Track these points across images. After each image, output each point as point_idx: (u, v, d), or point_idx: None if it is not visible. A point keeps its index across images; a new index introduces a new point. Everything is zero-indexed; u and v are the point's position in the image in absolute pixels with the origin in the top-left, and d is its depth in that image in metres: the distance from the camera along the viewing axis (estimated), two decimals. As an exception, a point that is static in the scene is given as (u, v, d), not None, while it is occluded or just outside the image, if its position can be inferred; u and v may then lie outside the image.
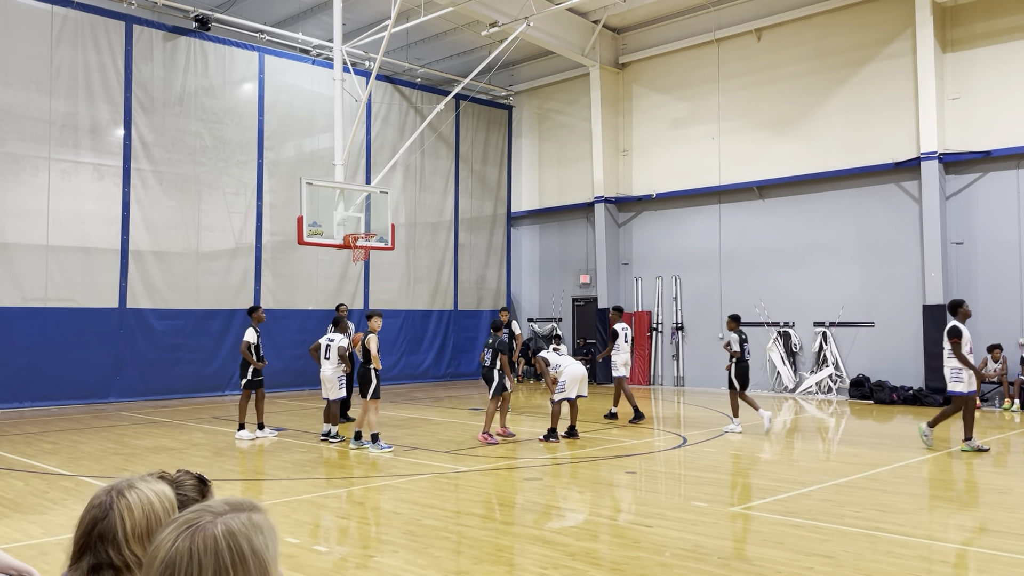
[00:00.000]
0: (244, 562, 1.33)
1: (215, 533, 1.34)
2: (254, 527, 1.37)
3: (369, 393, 10.88)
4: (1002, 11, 16.25)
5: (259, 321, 12.23)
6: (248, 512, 1.40)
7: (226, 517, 1.37)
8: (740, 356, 12.48)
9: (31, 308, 15.58)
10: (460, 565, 5.77)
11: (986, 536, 6.53)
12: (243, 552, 1.34)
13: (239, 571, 1.33)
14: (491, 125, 24.45)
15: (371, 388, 10.86)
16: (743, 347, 12.52)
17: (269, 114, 19.15)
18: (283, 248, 19.05)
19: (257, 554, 1.35)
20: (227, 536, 1.34)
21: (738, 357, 12.47)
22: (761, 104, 19.51)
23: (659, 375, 21.37)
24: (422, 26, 18.83)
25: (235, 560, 1.33)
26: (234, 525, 1.36)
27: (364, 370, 11.08)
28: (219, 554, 1.32)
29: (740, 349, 12.50)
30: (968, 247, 16.53)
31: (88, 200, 16.38)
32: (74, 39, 16.21)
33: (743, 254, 19.80)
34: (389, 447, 10.80)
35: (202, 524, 1.35)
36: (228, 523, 1.36)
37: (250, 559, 1.34)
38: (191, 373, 17.64)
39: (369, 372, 10.93)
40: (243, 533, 1.35)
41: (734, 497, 7.86)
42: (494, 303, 23.98)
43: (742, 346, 12.52)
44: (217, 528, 1.34)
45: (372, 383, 10.86)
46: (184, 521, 1.37)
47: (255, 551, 1.35)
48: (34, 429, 12.81)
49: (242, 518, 1.38)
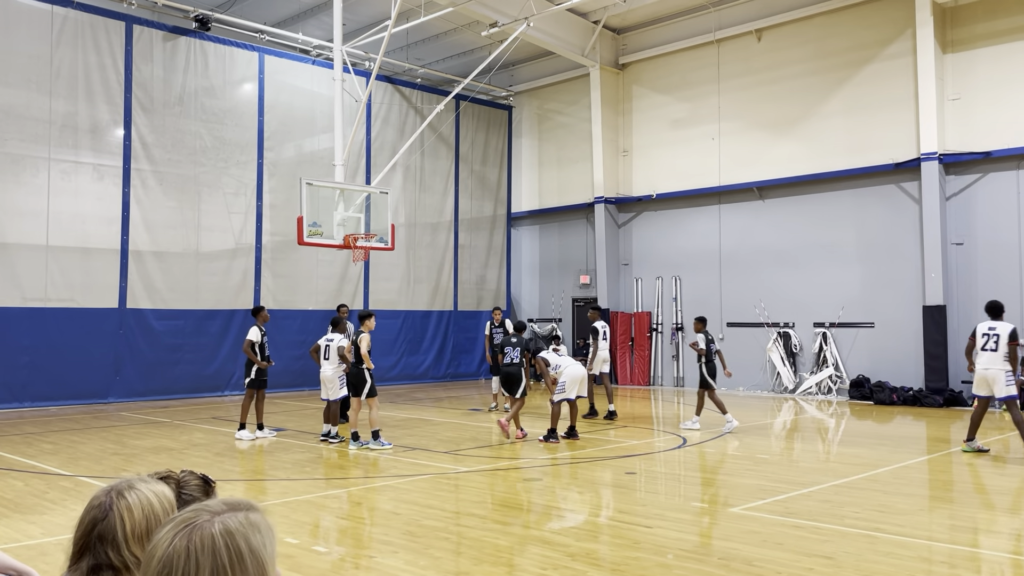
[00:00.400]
0: (241, 561, 1.33)
1: (212, 532, 1.33)
2: (251, 526, 1.37)
3: (364, 392, 10.96)
4: (1002, 12, 16.24)
5: (264, 321, 12.26)
6: (245, 511, 1.40)
7: (224, 516, 1.37)
8: (707, 356, 12.77)
9: (31, 308, 15.57)
10: (460, 566, 5.76)
11: (986, 537, 6.52)
12: (240, 551, 1.34)
13: (236, 570, 1.32)
14: (491, 125, 24.44)
15: (366, 388, 10.96)
16: (709, 347, 12.84)
17: (269, 114, 19.15)
18: (283, 248, 19.04)
19: (255, 553, 1.35)
20: (224, 535, 1.34)
21: (706, 357, 12.77)
22: (761, 105, 19.51)
23: (659, 375, 21.37)
24: (422, 26, 18.83)
25: (232, 559, 1.32)
26: (232, 524, 1.36)
27: (357, 370, 11.13)
28: (216, 553, 1.32)
29: (707, 349, 12.81)
30: (968, 248, 16.53)
31: (88, 200, 16.37)
32: (74, 39, 16.20)
33: (743, 255, 19.80)
34: (388, 444, 10.86)
35: (199, 523, 1.35)
36: (226, 522, 1.35)
37: (247, 558, 1.34)
38: (191, 373, 17.63)
39: (362, 372, 11.00)
40: (240, 532, 1.35)
41: (734, 498, 7.86)
42: (494, 304, 23.96)
43: (709, 346, 12.83)
44: (215, 527, 1.34)
45: (367, 382, 10.95)
46: (181, 520, 1.37)
47: (252, 550, 1.35)
48: (34, 429, 12.80)
49: (239, 517, 1.38)
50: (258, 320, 12.21)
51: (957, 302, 16.54)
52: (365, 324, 11.33)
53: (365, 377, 10.99)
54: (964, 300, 16.47)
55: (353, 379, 11.26)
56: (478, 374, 23.06)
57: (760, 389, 19.10)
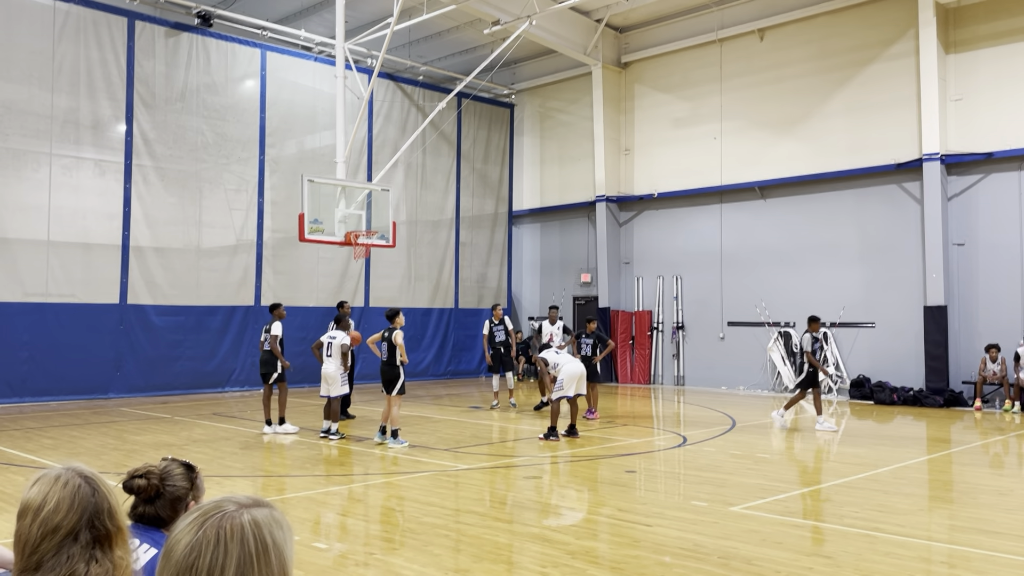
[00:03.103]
0: (267, 552, 1.37)
1: (242, 522, 1.37)
2: (276, 522, 1.42)
3: (396, 390, 10.94)
4: (1005, 13, 16.23)
5: (280, 317, 12.37)
6: (269, 508, 1.45)
7: (251, 508, 1.41)
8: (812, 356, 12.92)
9: (32, 303, 15.58)
10: (460, 563, 5.77)
11: (985, 537, 6.52)
12: (267, 543, 1.38)
13: (262, 561, 1.36)
14: (493, 123, 24.43)
15: (398, 385, 10.96)
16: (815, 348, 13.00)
17: (271, 111, 19.15)
18: (284, 245, 19.04)
19: (278, 547, 1.39)
20: (253, 525, 1.38)
21: None
22: (763, 104, 19.50)
23: (659, 374, 21.37)
24: (424, 24, 18.81)
25: (259, 549, 1.36)
26: (259, 516, 1.40)
27: (389, 367, 11.11)
28: (245, 541, 1.36)
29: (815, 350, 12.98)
30: (969, 248, 16.52)
31: (89, 196, 16.37)
32: (76, 35, 16.20)
33: (744, 254, 19.79)
34: (404, 443, 10.85)
35: (228, 512, 1.39)
36: (254, 514, 1.40)
37: (272, 551, 1.38)
38: (191, 369, 17.64)
39: (397, 369, 11.00)
40: (267, 525, 1.40)
41: (734, 497, 7.86)
42: (494, 302, 23.98)
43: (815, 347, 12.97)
44: (244, 517, 1.38)
45: (400, 379, 10.99)
46: (209, 509, 1.41)
47: (277, 544, 1.39)
48: (34, 424, 12.81)
49: (265, 512, 1.42)
50: (275, 316, 12.33)
51: (958, 303, 16.54)
52: (395, 321, 11.45)
53: (399, 374, 11.03)
54: (965, 301, 16.47)
55: (387, 376, 11.21)
56: (478, 372, 23.05)
57: (760, 388, 19.10)
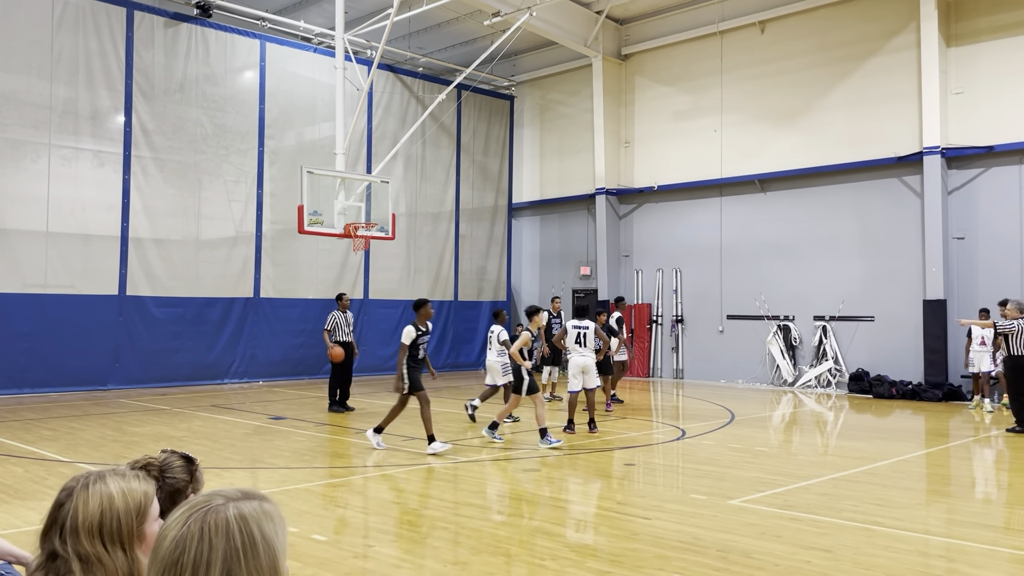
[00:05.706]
0: (254, 546, 1.34)
1: (227, 516, 1.35)
2: (265, 515, 1.39)
3: (524, 389, 10.73)
4: (1007, 6, 16.18)
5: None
6: (259, 500, 1.42)
7: (238, 502, 1.38)
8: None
9: (30, 295, 15.56)
10: (458, 555, 5.77)
11: (984, 531, 6.53)
12: (254, 536, 1.35)
13: (249, 555, 1.33)
14: (493, 115, 24.37)
15: (524, 385, 10.72)
16: None
17: (270, 102, 19.08)
18: (283, 237, 19.01)
19: (267, 540, 1.36)
20: (239, 519, 1.35)
21: None
22: (764, 97, 19.46)
23: (658, 367, 21.38)
24: (424, 15, 18.75)
25: (246, 544, 1.34)
26: (246, 510, 1.37)
27: (515, 367, 10.95)
28: (230, 536, 1.33)
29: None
30: (969, 242, 16.51)
31: (88, 187, 16.34)
32: (75, 25, 16.13)
33: (744, 247, 19.78)
34: (558, 441, 10.46)
35: (214, 507, 1.37)
36: (240, 507, 1.37)
37: (260, 545, 1.35)
38: (190, 361, 17.63)
39: (519, 369, 10.82)
40: (254, 518, 1.37)
41: (733, 490, 7.87)
42: (494, 294, 23.97)
43: None
44: (229, 511, 1.36)
45: (523, 380, 10.73)
46: (195, 504, 1.38)
47: (265, 537, 1.36)
48: (33, 415, 12.81)
49: (253, 504, 1.39)
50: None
51: (957, 296, 16.53)
52: (533, 321, 11.33)
53: (521, 374, 10.79)
54: (965, 295, 16.46)
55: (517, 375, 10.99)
56: (478, 364, 23.05)
57: (759, 382, 19.11)
